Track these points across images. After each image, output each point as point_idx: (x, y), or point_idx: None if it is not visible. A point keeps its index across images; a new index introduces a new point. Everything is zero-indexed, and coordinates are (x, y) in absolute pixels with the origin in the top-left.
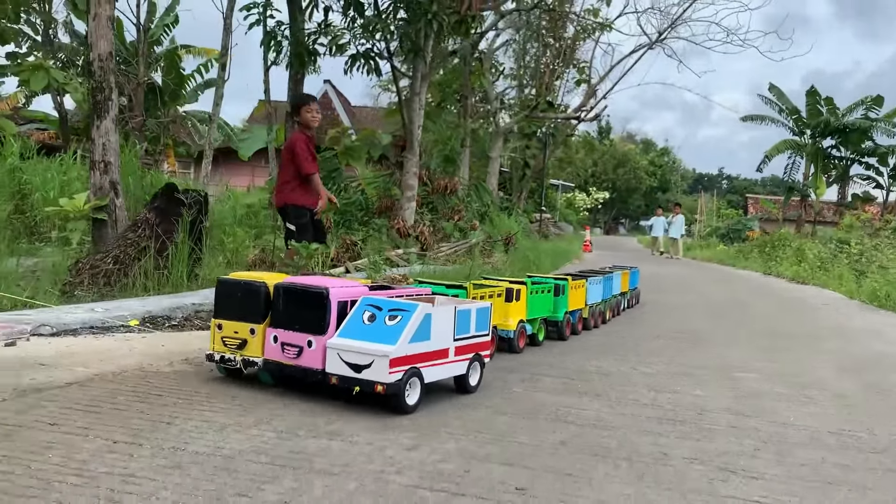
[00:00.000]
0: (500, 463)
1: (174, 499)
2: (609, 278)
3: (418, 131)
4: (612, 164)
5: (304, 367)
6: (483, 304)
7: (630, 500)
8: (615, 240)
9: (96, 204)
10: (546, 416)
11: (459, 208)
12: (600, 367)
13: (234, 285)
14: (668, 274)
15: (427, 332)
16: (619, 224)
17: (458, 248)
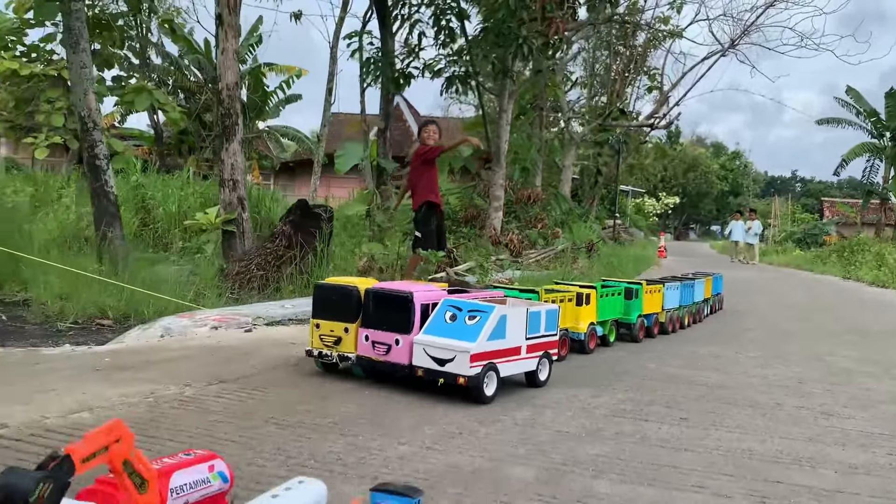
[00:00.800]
0: (662, 405)
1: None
2: (689, 284)
3: (505, 146)
4: (681, 169)
5: (392, 363)
6: (552, 306)
7: (760, 427)
8: (686, 245)
9: (226, 217)
10: (681, 381)
11: (542, 217)
12: (710, 351)
13: (331, 289)
14: (747, 279)
15: (502, 331)
16: (689, 229)
17: (546, 255)
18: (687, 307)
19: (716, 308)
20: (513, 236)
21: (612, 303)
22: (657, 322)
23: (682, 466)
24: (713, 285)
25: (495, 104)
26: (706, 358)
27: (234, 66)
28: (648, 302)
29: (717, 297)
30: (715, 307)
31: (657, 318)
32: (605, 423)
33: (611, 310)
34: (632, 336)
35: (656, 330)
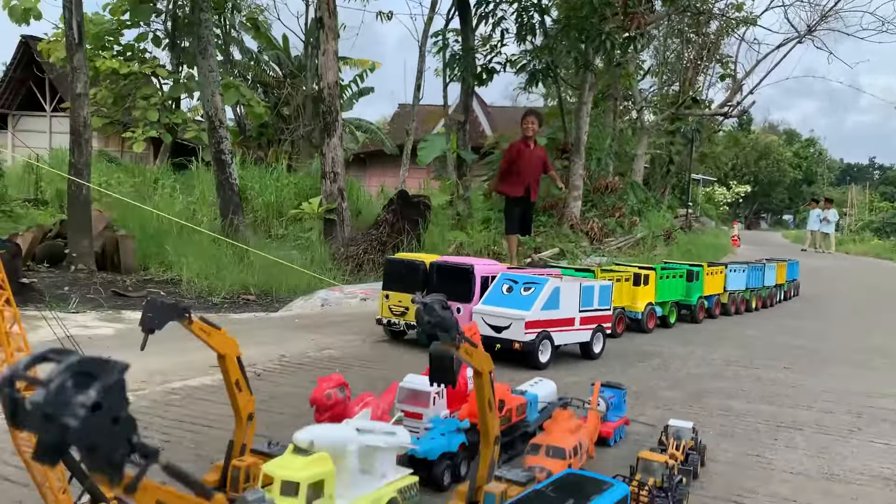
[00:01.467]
0: (767, 359)
1: None
2: (757, 268)
3: (584, 137)
4: (753, 157)
5: None
6: (605, 282)
7: (853, 375)
8: (758, 235)
9: (328, 207)
10: (780, 344)
11: (619, 206)
12: (801, 325)
13: (399, 263)
14: (823, 267)
15: (556, 302)
16: (760, 219)
17: (626, 243)
18: (755, 290)
19: (790, 294)
20: (593, 224)
21: (671, 284)
22: (718, 303)
23: (792, 395)
24: (788, 271)
25: (571, 95)
26: (798, 330)
27: (335, 67)
28: (710, 284)
29: (793, 283)
30: (790, 293)
31: (718, 300)
32: (723, 369)
33: (671, 291)
34: (692, 317)
35: (717, 311)
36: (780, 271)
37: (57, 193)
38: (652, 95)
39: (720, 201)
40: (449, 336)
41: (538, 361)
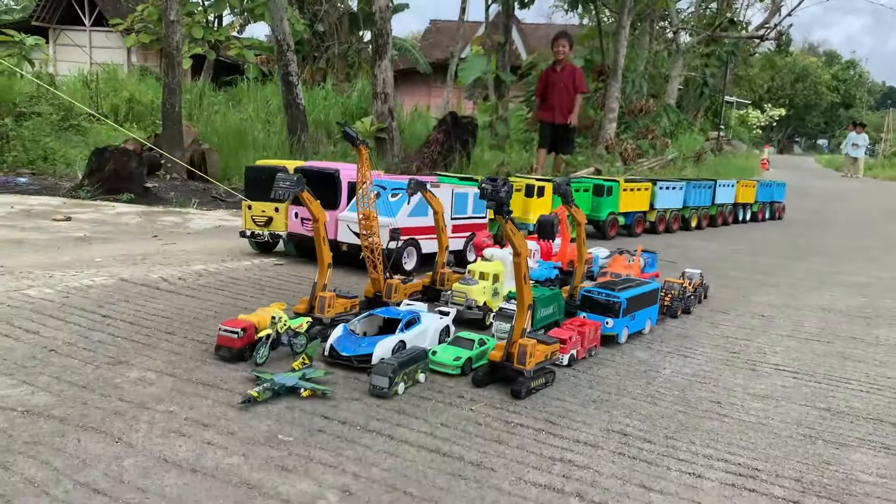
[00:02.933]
0: (745, 254)
1: None
2: (699, 185)
3: (622, 60)
4: (790, 79)
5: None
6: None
7: (828, 263)
8: (790, 159)
9: (379, 126)
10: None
11: (652, 128)
12: (763, 236)
13: (261, 171)
14: (841, 189)
15: (424, 209)
16: (794, 143)
17: (657, 163)
18: (699, 209)
19: (764, 215)
20: (626, 145)
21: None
22: (641, 221)
23: (774, 273)
24: (760, 192)
25: (609, 17)
26: (799, 239)
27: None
28: (629, 200)
29: (772, 204)
30: (763, 214)
31: (642, 217)
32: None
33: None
34: (602, 233)
35: (639, 228)
36: (742, 191)
37: (111, 108)
38: (688, 16)
39: (753, 124)
40: (500, 211)
41: (403, 269)
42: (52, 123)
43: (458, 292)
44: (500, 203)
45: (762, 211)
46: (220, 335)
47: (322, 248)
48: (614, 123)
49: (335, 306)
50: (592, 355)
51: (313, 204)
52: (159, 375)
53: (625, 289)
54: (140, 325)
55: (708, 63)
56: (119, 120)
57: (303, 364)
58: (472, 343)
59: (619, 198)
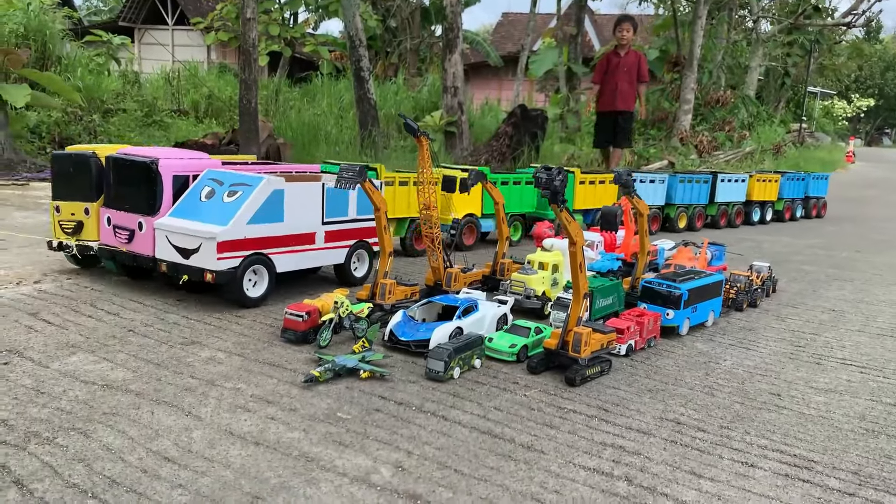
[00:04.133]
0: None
1: None
2: (690, 179)
3: (698, 50)
4: (879, 68)
5: (134, 254)
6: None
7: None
8: (878, 152)
9: (449, 119)
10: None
11: (730, 120)
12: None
13: (67, 160)
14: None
15: (277, 212)
16: (883, 134)
17: (734, 156)
18: (689, 207)
19: (793, 214)
20: (702, 137)
21: (517, 193)
22: None
23: (849, 266)
24: (790, 188)
25: (686, 6)
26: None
27: None
28: (591, 195)
29: (809, 200)
30: (792, 212)
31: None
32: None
33: (517, 201)
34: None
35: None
36: (757, 186)
37: (192, 104)
38: (769, 4)
39: (839, 115)
40: (555, 200)
41: (244, 296)
42: (136, 119)
43: (516, 282)
44: (556, 192)
45: (789, 209)
46: (286, 318)
47: (383, 236)
48: (690, 115)
49: (395, 293)
50: (651, 346)
51: (375, 194)
52: (228, 355)
53: (686, 280)
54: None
55: (790, 52)
56: (199, 115)
57: (363, 347)
58: (528, 331)
59: (573, 193)
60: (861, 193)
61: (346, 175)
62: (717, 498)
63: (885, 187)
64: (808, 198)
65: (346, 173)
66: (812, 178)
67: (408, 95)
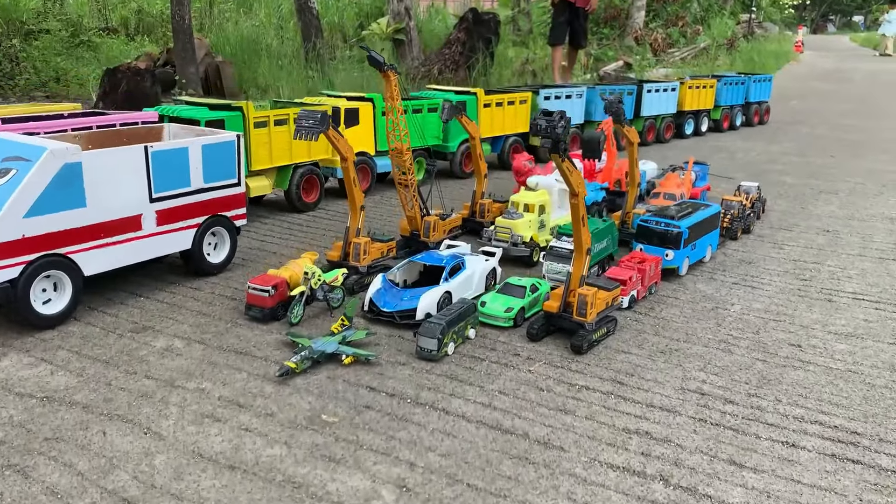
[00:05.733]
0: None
1: None
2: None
3: None
4: None
5: None
6: (222, 136)
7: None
8: (825, 39)
9: (396, 27)
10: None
11: (682, 15)
12: None
13: None
14: (880, 70)
15: (75, 194)
16: (827, 21)
17: (689, 52)
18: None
19: (731, 122)
20: (656, 35)
21: (416, 122)
22: (514, 149)
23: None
24: (728, 93)
25: None
26: None
27: None
28: (492, 120)
29: (751, 106)
30: (730, 121)
31: (513, 145)
32: None
33: (416, 133)
34: (454, 170)
35: (513, 158)
36: (689, 95)
37: (121, 20)
38: None
39: (785, 4)
40: (557, 149)
41: (34, 316)
42: (61, 41)
43: (501, 228)
44: (557, 140)
45: (728, 117)
46: (249, 293)
47: (353, 189)
48: (643, 12)
49: (371, 252)
50: (653, 293)
51: (340, 142)
52: (187, 343)
53: (684, 216)
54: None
55: None
56: (130, 33)
57: (342, 326)
58: (523, 290)
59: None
60: (817, 87)
61: (305, 124)
62: (766, 496)
63: (839, 79)
64: (749, 103)
65: (306, 121)
66: (753, 82)
67: (351, 1)
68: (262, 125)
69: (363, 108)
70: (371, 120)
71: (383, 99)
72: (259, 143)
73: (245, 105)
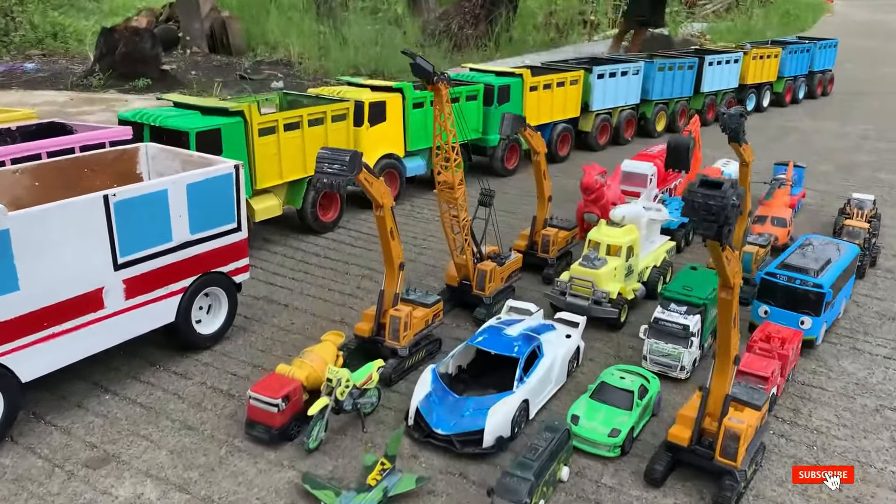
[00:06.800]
0: None
1: None
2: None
3: None
4: None
5: None
6: (216, 168)
7: None
8: None
9: None
10: None
11: None
12: None
13: None
14: None
15: (5, 274)
16: None
17: (720, 4)
18: (671, 102)
19: (794, 95)
20: None
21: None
22: (566, 136)
23: None
24: (793, 63)
25: None
26: None
27: None
28: (539, 105)
29: (815, 75)
30: (794, 93)
31: (566, 132)
32: None
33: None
34: (494, 167)
35: (563, 149)
36: (752, 67)
37: None
38: None
39: None
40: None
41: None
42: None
43: (580, 282)
44: (725, 223)
45: (791, 89)
46: (251, 405)
47: (389, 242)
48: None
49: (413, 324)
50: (789, 380)
51: (374, 186)
52: (163, 489)
53: (823, 267)
54: None
55: None
56: None
57: (381, 471)
58: (629, 398)
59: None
60: (863, 45)
61: (329, 168)
62: None
63: (883, 35)
64: (813, 73)
65: (329, 164)
66: (818, 48)
67: None
68: (270, 132)
69: (391, 102)
70: (400, 115)
71: (433, 113)
72: (265, 154)
73: (247, 109)
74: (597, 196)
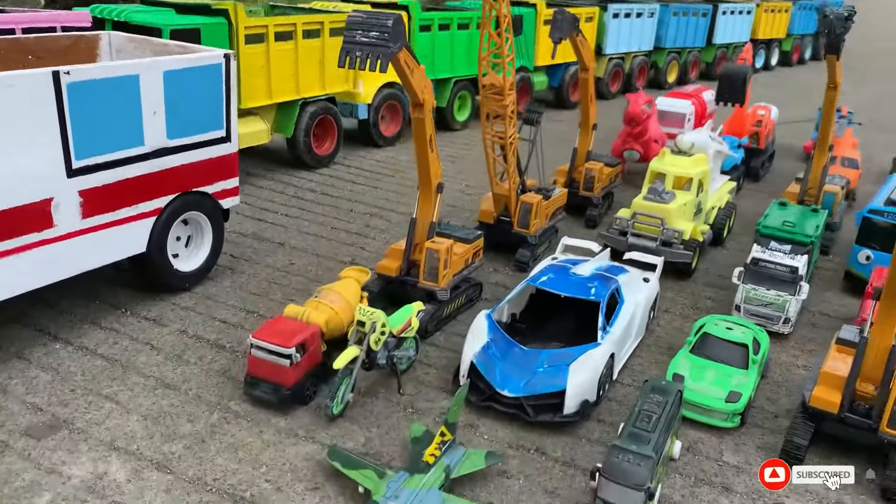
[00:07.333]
0: None
1: None
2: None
3: None
4: None
5: None
6: (201, 55)
7: None
8: None
9: None
10: None
11: None
12: None
13: None
14: None
15: None
16: None
17: None
18: (683, 52)
19: (801, 54)
20: None
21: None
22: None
23: None
24: (802, 20)
25: None
26: None
27: None
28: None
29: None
30: (801, 52)
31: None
32: None
33: (448, 58)
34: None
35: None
36: (764, 20)
37: None
38: None
39: None
40: (835, 50)
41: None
42: None
43: (645, 218)
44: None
45: (798, 48)
46: (253, 356)
47: (428, 155)
48: None
49: (454, 261)
50: None
51: (415, 75)
52: (135, 470)
53: None
54: None
55: None
56: None
57: (440, 444)
58: (743, 353)
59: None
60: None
61: (363, 37)
62: None
63: None
64: (819, 32)
65: (365, 32)
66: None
67: None
68: (258, 39)
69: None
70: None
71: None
72: (253, 67)
73: (232, 7)
74: (642, 129)
